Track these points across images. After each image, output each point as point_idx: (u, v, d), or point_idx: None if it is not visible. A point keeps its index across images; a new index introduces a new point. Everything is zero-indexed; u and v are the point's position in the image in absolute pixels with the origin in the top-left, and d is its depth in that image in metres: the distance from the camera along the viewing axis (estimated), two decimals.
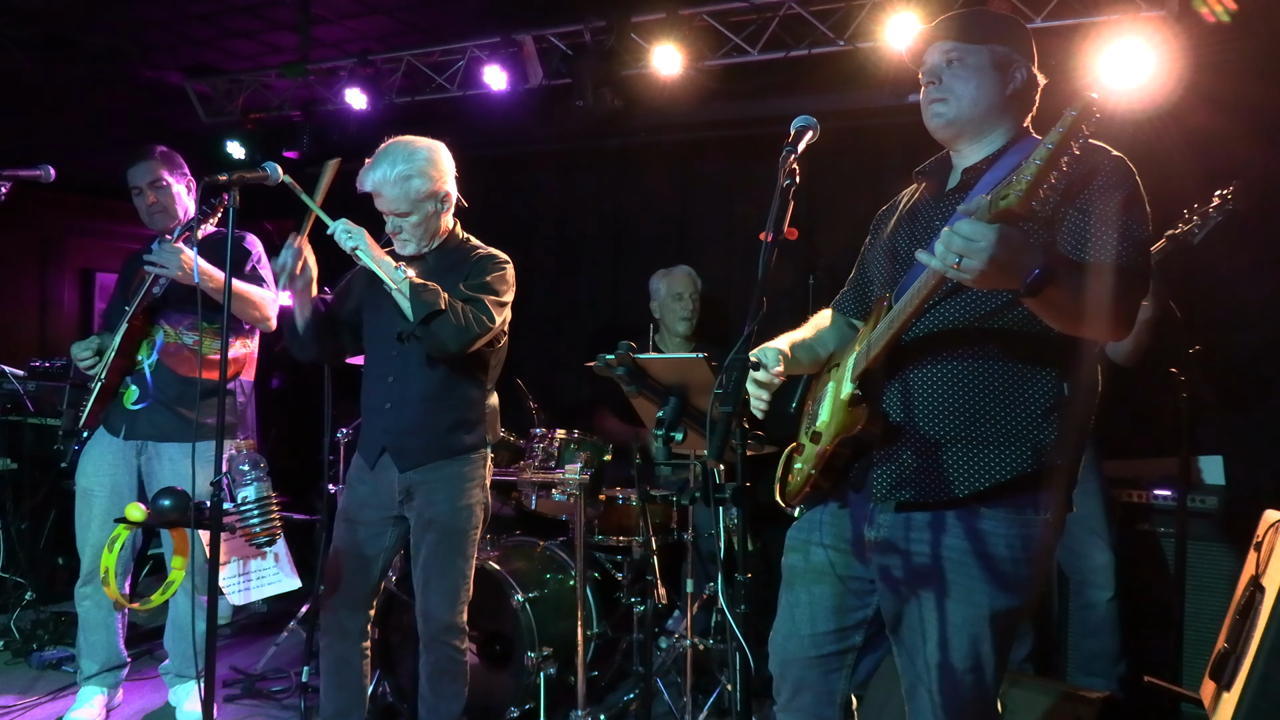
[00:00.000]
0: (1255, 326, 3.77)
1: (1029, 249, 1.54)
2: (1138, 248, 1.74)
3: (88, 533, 3.40)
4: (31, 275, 6.66)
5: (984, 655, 1.81)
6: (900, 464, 1.85)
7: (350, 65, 5.02)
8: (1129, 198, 1.77)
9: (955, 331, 1.83)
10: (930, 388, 1.84)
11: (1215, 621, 2.70)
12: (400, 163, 2.77)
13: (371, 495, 2.93)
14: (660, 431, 2.19)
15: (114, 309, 3.51)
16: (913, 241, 1.95)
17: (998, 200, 1.48)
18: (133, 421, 3.37)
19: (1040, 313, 1.69)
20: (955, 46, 1.90)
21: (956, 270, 1.51)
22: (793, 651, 2.05)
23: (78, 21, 4.95)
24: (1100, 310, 1.68)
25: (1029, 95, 1.96)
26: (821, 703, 2.03)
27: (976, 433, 1.80)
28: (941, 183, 2.01)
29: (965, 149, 1.97)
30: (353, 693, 2.95)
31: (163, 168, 3.40)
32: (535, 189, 5.48)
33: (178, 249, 3.12)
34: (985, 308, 1.81)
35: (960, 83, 1.90)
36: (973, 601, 1.79)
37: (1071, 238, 1.76)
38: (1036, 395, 1.80)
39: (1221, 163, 3.60)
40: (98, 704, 3.44)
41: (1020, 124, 1.96)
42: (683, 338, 4.27)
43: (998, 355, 1.81)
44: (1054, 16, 3.90)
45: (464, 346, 2.74)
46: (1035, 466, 1.78)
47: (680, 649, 3.43)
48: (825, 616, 2.01)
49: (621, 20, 4.43)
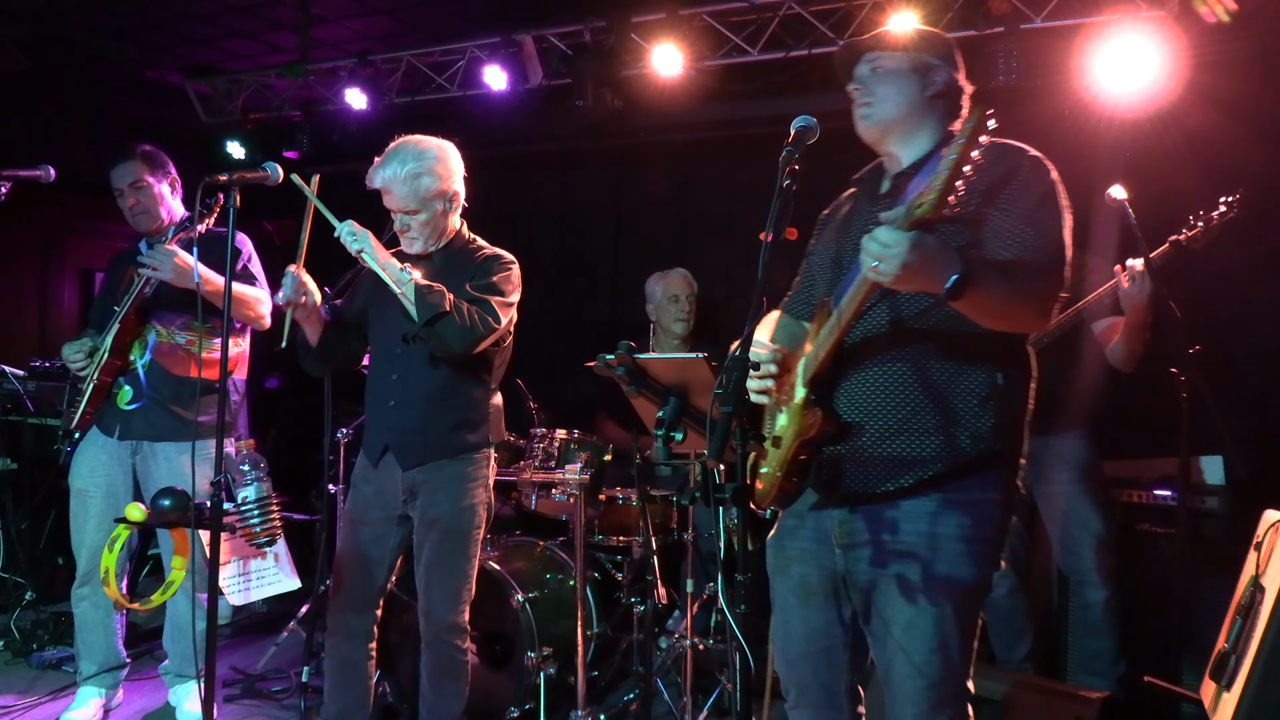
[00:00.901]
0: (1255, 326, 3.77)
1: (945, 254, 1.66)
2: (1055, 243, 1.86)
3: (83, 534, 3.39)
4: (31, 275, 6.66)
5: (948, 634, 1.89)
6: (850, 460, 1.95)
7: (350, 65, 5.02)
8: (1045, 195, 1.89)
9: (892, 331, 1.94)
10: (873, 386, 1.95)
11: (1215, 621, 2.69)
12: (410, 161, 2.78)
13: (376, 495, 2.93)
14: (660, 431, 2.19)
15: (101, 308, 3.50)
16: (849, 246, 2.05)
17: (913, 209, 1.60)
18: (127, 421, 3.37)
19: (965, 313, 1.79)
20: (877, 55, 2.05)
21: (875, 274, 1.64)
22: (793, 651, 2.11)
23: (78, 22, 4.95)
24: (1021, 306, 1.82)
25: (952, 98, 2.06)
26: (828, 695, 2.09)
27: (918, 425, 1.90)
28: (875, 188, 2.12)
29: (894, 151, 2.07)
30: (357, 693, 2.95)
31: (144, 168, 3.38)
32: (535, 189, 5.48)
33: (171, 251, 3.13)
34: (917, 308, 1.92)
35: (882, 85, 2.03)
36: (931, 582, 1.88)
37: (994, 237, 1.86)
38: (972, 386, 1.91)
39: (1221, 163, 3.60)
40: (95, 704, 3.43)
41: (945, 127, 2.05)
42: (680, 339, 4.27)
43: (933, 352, 1.92)
44: (1054, 16, 3.90)
45: (469, 347, 2.75)
46: (975, 452, 1.89)
47: (680, 649, 3.43)
48: (815, 613, 2.08)
49: (621, 20, 4.43)
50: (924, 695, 1.91)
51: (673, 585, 3.71)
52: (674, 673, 3.66)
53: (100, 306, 3.52)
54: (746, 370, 1.77)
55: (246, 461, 2.54)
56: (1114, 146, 3.40)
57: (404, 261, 2.78)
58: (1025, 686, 3.06)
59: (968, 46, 4.08)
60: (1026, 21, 3.93)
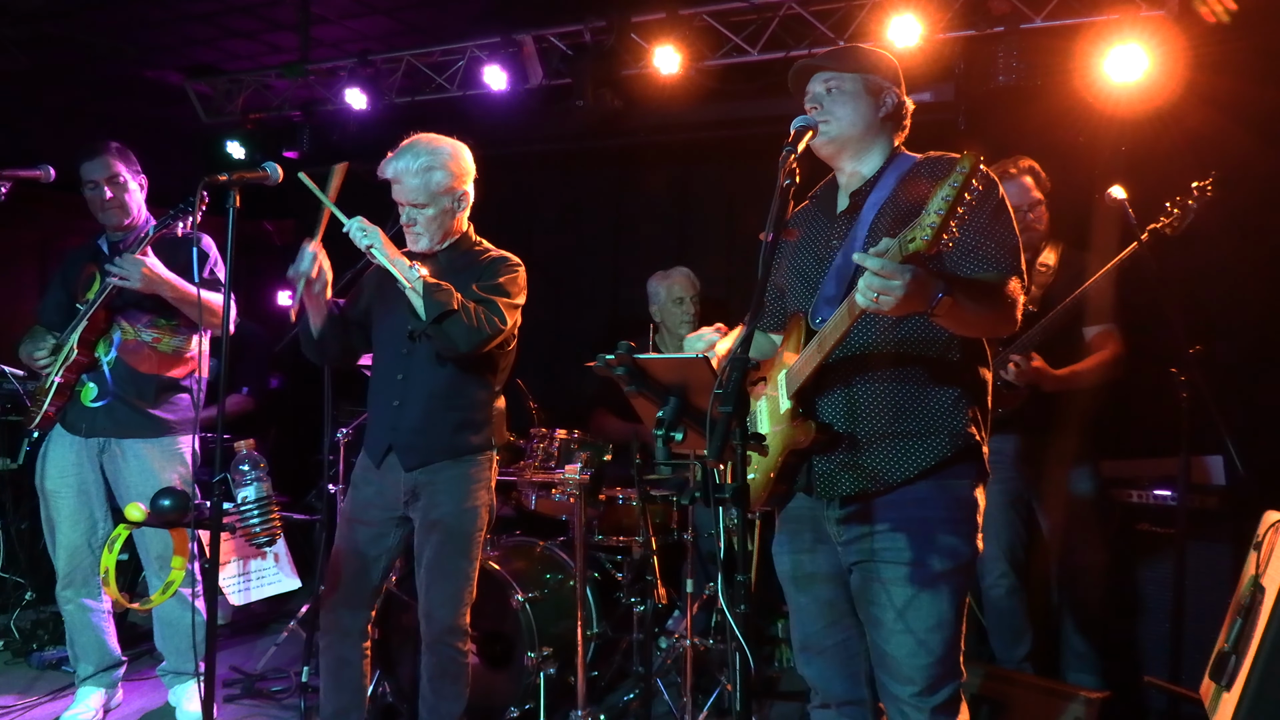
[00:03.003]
0: (1256, 326, 3.77)
1: (933, 278, 1.79)
2: (1011, 252, 2.04)
3: (58, 535, 3.39)
4: (31, 275, 6.66)
5: (944, 612, 2.02)
6: (839, 464, 2.08)
7: (350, 65, 5.02)
8: (997, 208, 2.05)
9: (874, 345, 2.08)
10: (858, 396, 2.08)
11: (1215, 621, 2.69)
12: (424, 155, 2.81)
13: (377, 496, 2.93)
14: (660, 431, 2.20)
15: (56, 305, 3.48)
16: (815, 261, 2.20)
17: (906, 244, 1.71)
18: (93, 419, 3.37)
19: (946, 325, 1.95)
20: (833, 75, 2.17)
21: (876, 305, 1.74)
22: (811, 649, 2.22)
23: (78, 21, 4.95)
24: (991, 315, 1.97)
25: (899, 116, 2.22)
26: (850, 687, 2.19)
27: (900, 428, 2.05)
28: (832, 205, 2.25)
29: (848, 167, 2.21)
30: (352, 693, 2.95)
31: (120, 163, 3.39)
32: (535, 189, 5.48)
33: (140, 260, 3.14)
34: (895, 324, 2.06)
35: (839, 105, 2.15)
36: (925, 564, 2.01)
37: (957, 250, 2.01)
38: (945, 390, 2.06)
39: (1221, 163, 3.59)
40: (94, 704, 3.43)
41: (893, 144, 2.21)
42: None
43: (910, 361, 2.06)
44: (1054, 16, 3.91)
45: (475, 347, 2.75)
46: (953, 448, 2.05)
47: (680, 649, 3.43)
48: (826, 609, 2.18)
49: (621, 20, 4.43)
50: (923, 674, 2.02)
51: (673, 585, 3.71)
52: (674, 673, 3.66)
53: (55, 303, 3.50)
54: (746, 370, 1.78)
55: (246, 461, 2.54)
56: (1114, 146, 3.39)
57: (411, 260, 2.78)
58: (1025, 686, 3.06)
59: (968, 46, 4.13)
60: (1026, 21, 3.93)
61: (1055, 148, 3.93)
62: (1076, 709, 2.88)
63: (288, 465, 5.09)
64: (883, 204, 2.10)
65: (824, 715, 2.25)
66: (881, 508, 2.05)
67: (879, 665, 2.09)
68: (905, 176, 2.11)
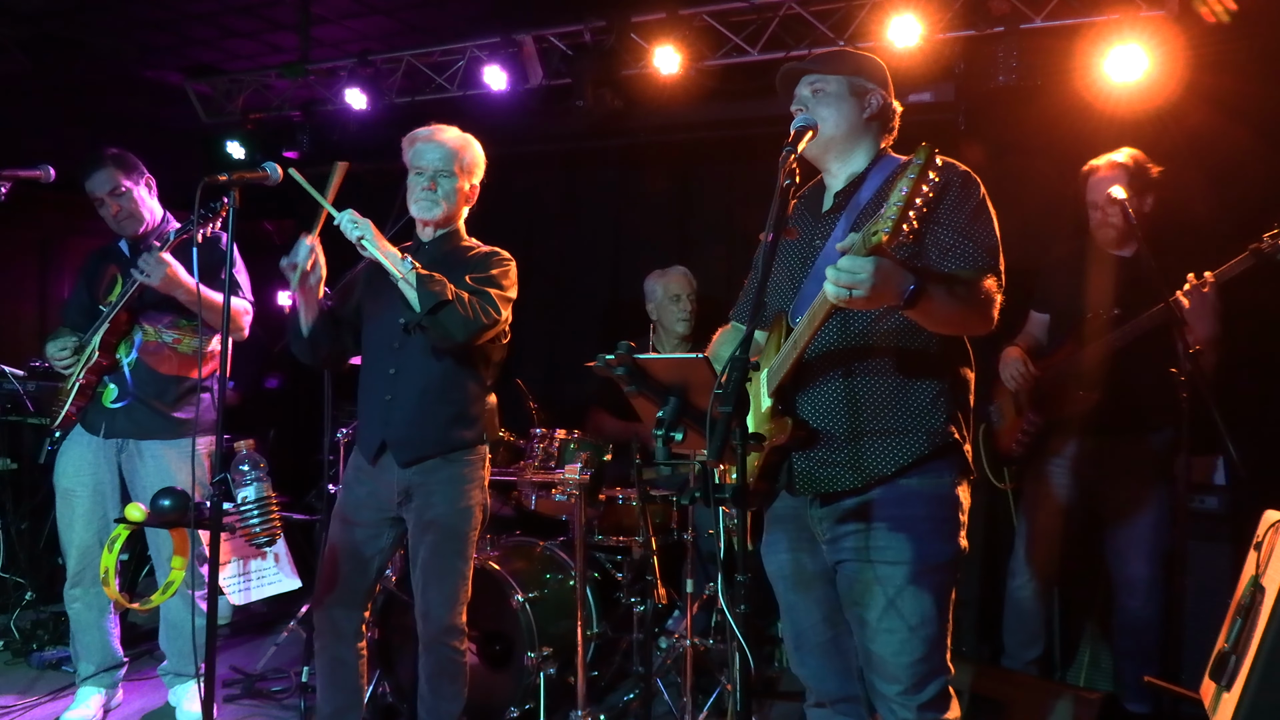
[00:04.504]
0: (1256, 326, 3.76)
1: (902, 271, 1.80)
2: (989, 252, 2.04)
3: (72, 533, 3.39)
4: (31, 275, 6.66)
5: (927, 610, 2.02)
6: (817, 461, 2.09)
7: (350, 65, 5.02)
8: (977, 208, 2.07)
9: (849, 342, 2.09)
10: (835, 393, 2.08)
11: (1215, 621, 2.69)
12: (454, 135, 2.93)
13: (370, 496, 2.92)
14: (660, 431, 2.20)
15: (79, 307, 3.49)
16: (799, 260, 2.21)
17: (869, 237, 1.73)
18: (112, 420, 3.37)
19: (920, 321, 1.95)
20: (818, 78, 2.20)
21: (847, 300, 1.76)
22: (804, 648, 2.23)
23: (77, 21, 4.95)
24: (967, 312, 1.98)
25: (885, 119, 2.24)
26: (843, 684, 2.21)
27: (877, 426, 2.05)
28: (818, 204, 2.27)
29: (834, 168, 2.23)
30: (349, 693, 2.95)
31: (119, 173, 3.37)
32: (535, 189, 5.47)
33: (164, 261, 3.14)
34: (871, 320, 2.07)
35: (823, 107, 2.17)
36: (907, 564, 2.02)
37: (936, 249, 2.04)
38: (923, 388, 2.07)
39: (1221, 163, 3.59)
40: (94, 704, 3.44)
41: (879, 145, 2.23)
42: (681, 338, 4.26)
43: (887, 358, 2.07)
44: (1054, 16, 3.91)
45: (471, 337, 2.75)
46: (931, 446, 2.05)
47: (680, 649, 3.43)
48: (816, 607, 2.20)
49: (621, 20, 4.43)
50: (907, 672, 2.03)
51: (673, 585, 3.70)
52: (674, 673, 3.66)
53: (78, 305, 3.50)
54: (746, 370, 1.79)
55: (246, 461, 2.54)
56: (1114, 147, 3.39)
57: (403, 253, 2.79)
58: (1026, 687, 3.07)
59: (968, 46, 4.13)
60: (1026, 21, 3.93)
61: (1055, 148, 3.94)
62: (1076, 709, 2.88)
63: (287, 465, 5.08)
64: (865, 204, 2.13)
65: (819, 714, 2.26)
66: (861, 506, 2.06)
67: (866, 664, 2.11)
68: (890, 177, 2.12)
